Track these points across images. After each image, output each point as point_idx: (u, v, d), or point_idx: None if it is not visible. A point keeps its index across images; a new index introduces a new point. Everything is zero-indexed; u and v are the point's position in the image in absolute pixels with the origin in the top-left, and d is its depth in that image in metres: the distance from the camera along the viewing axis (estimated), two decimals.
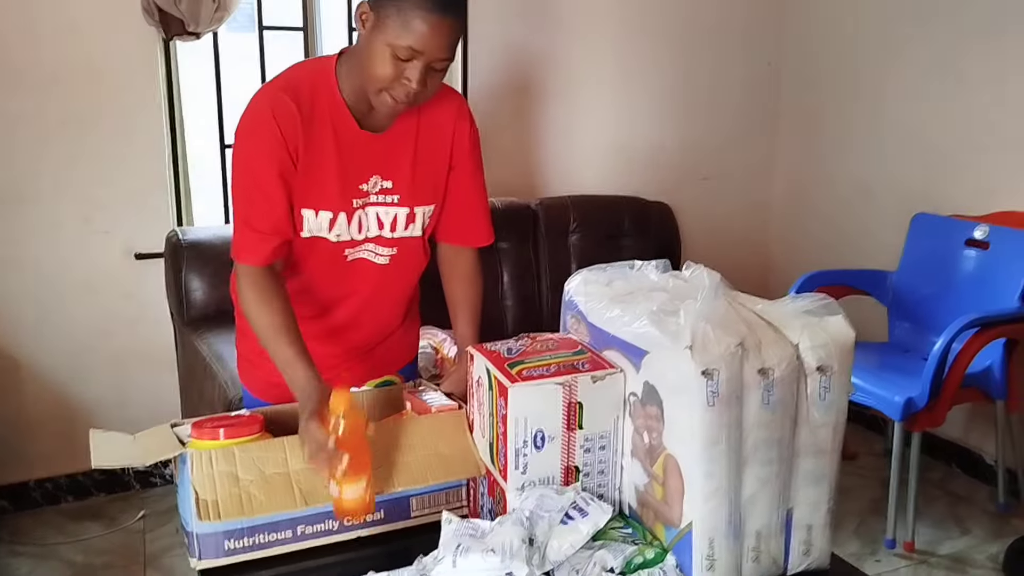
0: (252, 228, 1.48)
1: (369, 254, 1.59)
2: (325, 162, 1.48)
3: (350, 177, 1.51)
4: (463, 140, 1.62)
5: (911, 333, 3.07)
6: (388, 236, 1.58)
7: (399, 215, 1.57)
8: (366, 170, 1.52)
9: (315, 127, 1.47)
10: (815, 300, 1.21)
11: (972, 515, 2.93)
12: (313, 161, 1.47)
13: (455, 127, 1.60)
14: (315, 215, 1.51)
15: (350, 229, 1.54)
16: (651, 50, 3.54)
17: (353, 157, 1.50)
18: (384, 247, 1.59)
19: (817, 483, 1.19)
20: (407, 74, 1.38)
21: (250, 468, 1.25)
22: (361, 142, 1.51)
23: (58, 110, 2.69)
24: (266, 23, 2.96)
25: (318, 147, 1.47)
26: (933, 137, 3.22)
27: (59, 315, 2.81)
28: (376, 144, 1.53)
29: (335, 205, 1.51)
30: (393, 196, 1.55)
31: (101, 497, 2.97)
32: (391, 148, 1.54)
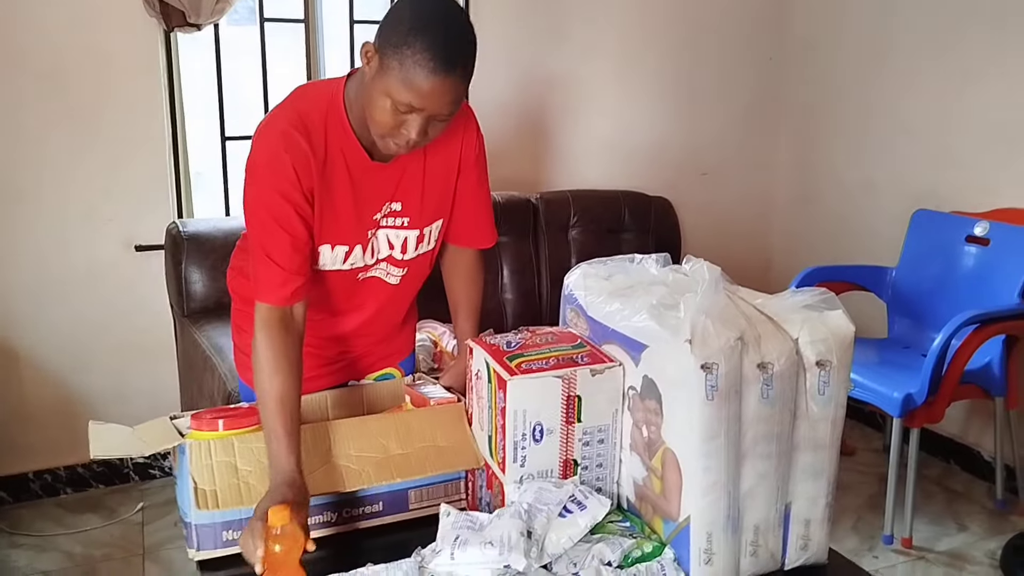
0: (277, 265, 1.39)
1: (381, 272, 1.57)
2: (340, 198, 1.44)
3: (364, 209, 1.48)
4: (470, 150, 1.59)
5: (911, 329, 3.07)
6: (399, 258, 1.56)
7: (409, 238, 1.55)
8: (379, 199, 1.49)
9: (328, 165, 1.42)
10: (815, 295, 1.21)
11: (970, 512, 2.93)
12: (328, 198, 1.43)
13: (463, 139, 1.57)
14: (331, 249, 1.48)
15: (364, 256, 1.53)
16: (653, 44, 3.53)
17: (366, 189, 1.47)
18: (396, 267, 1.58)
19: (816, 478, 1.19)
20: (406, 127, 1.32)
21: (249, 459, 1.25)
22: (372, 173, 1.46)
23: (59, 101, 2.68)
24: (267, 15, 2.95)
25: (332, 184, 1.43)
26: (934, 133, 3.22)
27: (59, 306, 2.81)
28: (386, 172, 1.49)
29: (351, 239, 1.48)
30: (403, 219, 1.53)
31: (100, 489, 2.97)
32: (402, 174, 1.50)
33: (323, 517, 1.30)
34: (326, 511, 1.30)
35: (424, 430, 1.36)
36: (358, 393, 1.53)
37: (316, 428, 1.32)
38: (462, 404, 1.41)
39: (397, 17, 1.31)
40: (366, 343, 1.70)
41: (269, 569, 1.06)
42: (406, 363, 1.81)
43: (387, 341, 1.74)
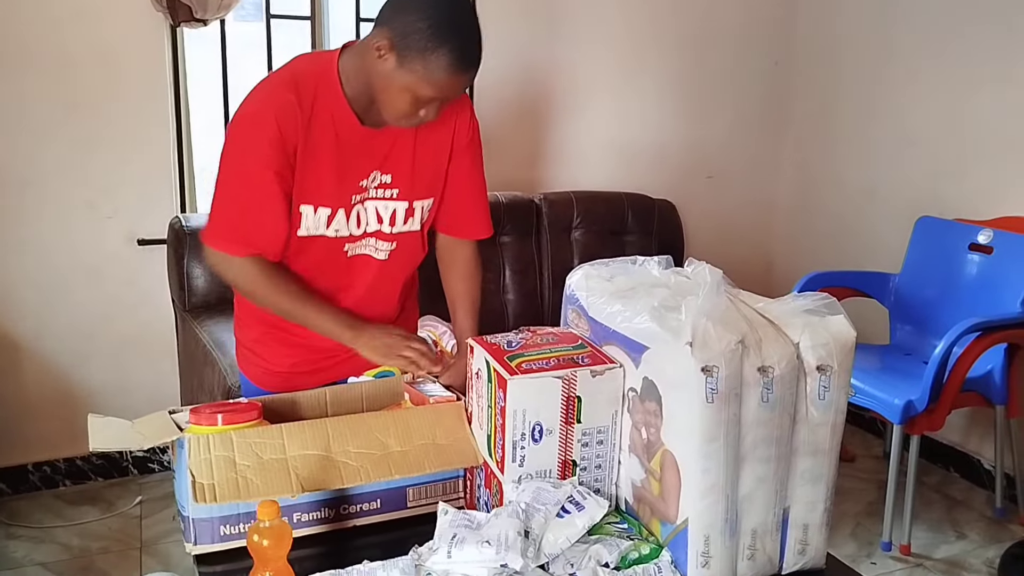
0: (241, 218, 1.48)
1: (370, 249, 1.59)
2: (325, 158, 1.47)
3: (350, 173, 1.50)
4: (463, 131, 1.63)
5: (912, 336, 3.06)
6: (387, 231, 1.58)
7: (398, 209, 1.57)
8: (366, 166, 1.52)
9: (316, 123, 1.46)
10: (817, 299, 1.20)
11: (969, 520, 2.93)
12: (312, 157, 1.46)
13: (456, 119, 1.61)
14: (313, 211, 1.50)
15: (348, 225, 1.54)
16: (658, 47, 3.53)
17: (353, 153, 1.50)
18: (384, 242, 1.59)
19: (815, 482, 1.18)
20: (424, 113, 1.43)
21: (247, 453, 1.25)
22: (361, 138, 1.50)
23: (64, 94, 2.69)
24: (274, 12, 2.95)
25: (318, 143, 1.46)
26: (939, 140, 3.22)
27: (61, 299, 2.81)
28: (376, 139, 1.52)
29: (333, 201, 1.50)
30: (392, 191, 1.55)
31: (99, 482, 2.98)
32: (392, 143, 1.53)
33: (319, 514, 1.30)
34: (323, 508, 1.30)
35: (423, 428, 1.35)
36: (357, 390, 1.53)
37: (315, 425, 1.32)
38: (462, 403, 1.41)
39: (413, 19, 1.37)
40: None
41: (256, 564, 1.06)
42: None
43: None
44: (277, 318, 1.63)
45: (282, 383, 1.66)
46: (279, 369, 1.69)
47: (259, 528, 1.04)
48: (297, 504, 1.27)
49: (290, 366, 1.68)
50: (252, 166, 1.46)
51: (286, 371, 1.68)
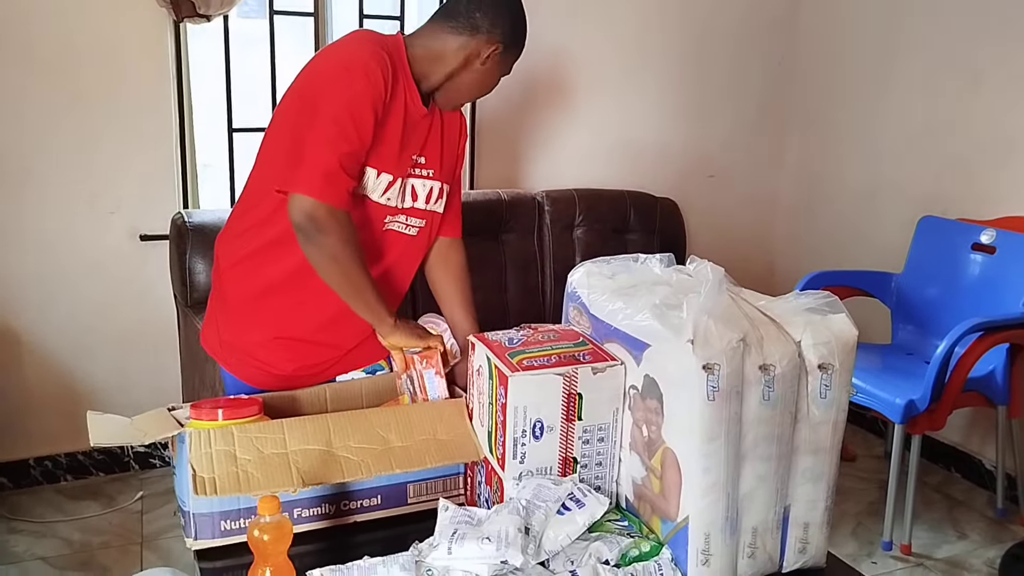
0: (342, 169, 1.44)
1: (400, 225, 1.64)
2: (395, 128, 1.55)
3: (408, 148, 1.59)
4: (464, 138, 1.78)
5: (914, 336, 3.06)
6: (422, 208, 1.65)
7: (434, 188, 1.66)
8: (417, 144, 1.62)
9: (396, 93, 1.54)
10: (818, 298, 1.20)
11: (970, 520, 2.92)
12: (388, 124, 1.53)
13: (461, 129, 1.76)
14: (376, 175, 1.55)
15: (398, 197, 1.60)
16: (661, 46, 3.53)
17: (413, 130, 1.59)
18: (416, 219, 1.65)
19: (815, 481, 1.19)
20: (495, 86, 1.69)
21: (248, 448, 1.25)
22: (420, 117, 1.60)
23: (67, 89, 2.69)
24: (277, 8, 2.95)
25: (394, 113, 1.54)
26: (942, 140, 3.21)
27: (63, 294, 2.81)
28: (423, 124, 1.63)
29: (395, 170, 1.57)
30: (429, 170, 1.65)
31: (100, 477, 2.98)
32: (428, 126, 1.64)
33: (321, 509, 1.30)
34: (324, 503, 1.30)
35: (424, 424, 1.36)
36: (357, 387, 1.53)
37: (316, 420, 1.32)
38: (463, 399, 1.41)
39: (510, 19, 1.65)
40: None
41: (257, 559, 1.06)
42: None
43: None
44: (288, 326, 1.62)
45: (281, 384, 1.65)
46: (281, 372, 1.67)
47: (260, 523, 1.04)
48: (298, 500, 1.28)
49: (292, 371, 1.67)
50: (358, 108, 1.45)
51: (288, 375, 1.66)
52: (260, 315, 1.65)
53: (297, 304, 1.62)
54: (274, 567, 1.05)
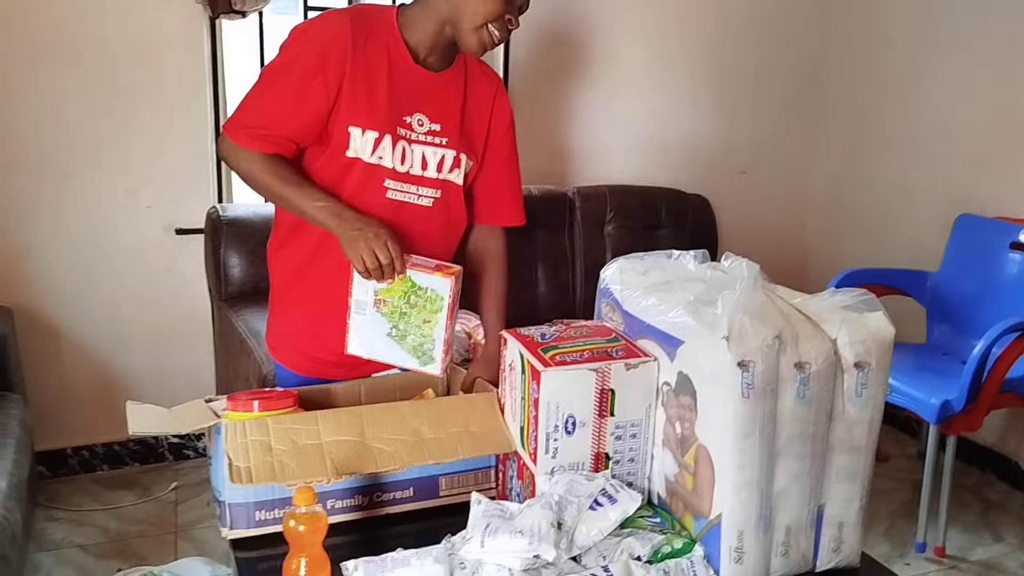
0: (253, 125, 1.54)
1: (412, 196, 1.60)
2: (377, 84, 1.54)
3: (397, 104, 1.56)
4: (503, 115, 1.70)
5: (950, 335, 3.02)
6: (433, 176, 1.61)
7: (447, 156, 1.61)
8: (413, 103, 1.58)
9: (370, 52, 1.53)
10: (855, 295, 1.19)
11: (1006, 522, 2.88)
12: (364, 82, 1.53)
13: (495, 99, 1.69)
14: (361, 133, 1.54)
15: (393, 157, 1.56)
16: (693, 42, 3.51)
17: (404, 87, 1.56)
18: (429, 188, 1.61)
19: (850, 480, 1.18)
20: (509, 13, 1.52)
21: (283, 438, 1.26)
22: (413, 75, 1.57)
23: (105, 85, 2.73)
24: (310, 3, 2.97)
25: (372, 71, 1.53)
26: (978, 137, 3.16)
27: (100, 286, 2.86)
28: (427, 82, 1.59)
29: (380, 126, 1.55)
30: (442, 139, 1.60)
31: (135, 467, 3.03)
32: (442, 92, 1.61)
33: (354, 501, 1.31)
34: (357, 495, 1.31)
35: (456, 416, 1.36)
36: (391, 381, 1.54)
37: (350, 412, 1.33)
38: (495, 392, 1.41)
39: None
40: None
41: (292, 549, 1.07)
42: None
43: None
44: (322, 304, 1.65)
45: (315, 367, 1.68)
46: (321, 356, 1.70)
47: (295, 514, 1.06)
48: (331, 491, 1.29)
49: (329, 355, 1.69)
50: (282, 71, 1.54)
51: (328, 360, 1.69)
52: (296, 296, 1.70)
53: (326, 282, 1.63)
54: (309, 558, 1.06)
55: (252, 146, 1.54)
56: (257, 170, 1.55)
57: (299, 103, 1.53)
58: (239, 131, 1.55)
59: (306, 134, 1.56)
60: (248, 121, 1.54)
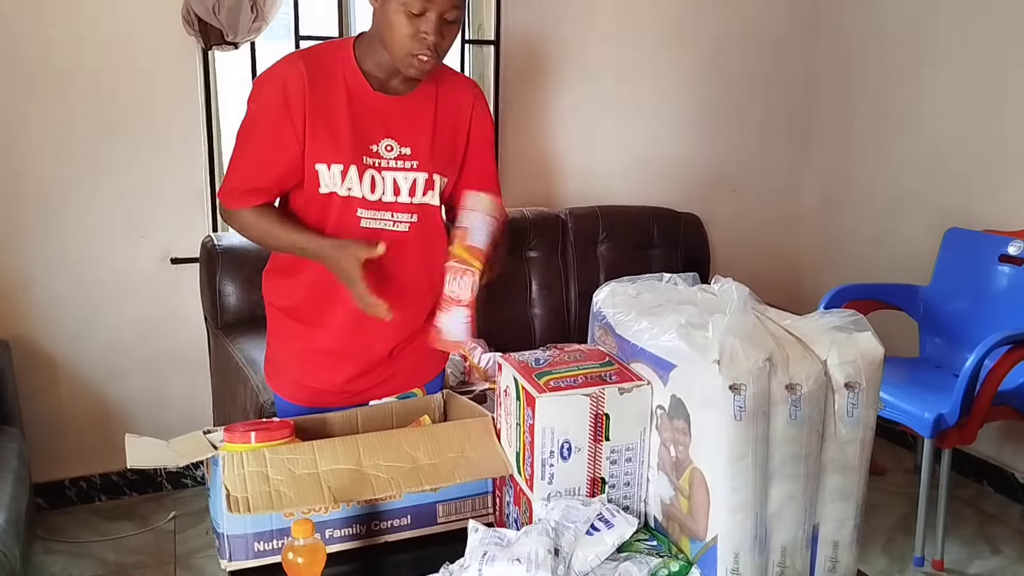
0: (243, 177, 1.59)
1: (387, 223, 1.61)
2: (337, 118, 1.56)
3: (361, 133, 1.57)
4: (483, 124, 1.71)
5: (942, 349, 3.04)
6: (406, 202, 1.61)
7: (418, 179, 1.61)
8: (380, 130, 1.59)
9: (325, 85, 1.56)
10: (844, 316, 1.21)
11: (1003, 534, 2.89)
12: (324, 118, 1.55)
13: (473, 109, 1.69)
14: (327, 168, 1.56)
15: (362, 186, 1.58)
16: (682, 61, 3.54)
17: (366, 116, 1.58)
18: (402, 213, 1.62)
19: (844, 499, 1.19)
20: (423, 29, 1.47)
21: (280, 468, 1.27)
22: (374, 103, 1.58)
23: (100, 116, 2.75)
24: (302, 32, 3.00)
25: (329, 104, 1.55)
26: (967, 151, 3.19)
27: (96, 316, 2.86)
28: (391, 107, 1.60)
29: (345, 158, 1.56)
30: (412, 162, 1.61)
31: (133, 497, 3.02)
32: (409, 115, 1.61)
33: (351, 530, 1.32)
34: (354, 523, 1.32)
35: (452, 441, 1.37)
36: (387, 410, 1.55)
37: (346, 441, 1.34)
38: (489, 417, 1.42)
39: None
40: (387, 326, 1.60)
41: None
42: (436, 382, 1.82)
43: (413, 342, 1.74)
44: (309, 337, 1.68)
45: (315, 397, 1.69)
46: (313, 385, 1.72)
47: (294, 546, 1.06)
48: (329, 520, 1.29)
49: (323, 384, 1.71)
50: (252, 127, 1.59)
51: (321, 388, 1.71)
52: (292, 325, 1.72)
53: (322, 310, 1.66)
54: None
55: (240, 204, 1.61)
56: (249, 221, 1.62)
57: (275, 151, 1.57)
58: (229, 196, 1.62)
59: (289, 177, 1.59)
60: (235, 184, 1.61)
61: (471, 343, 2.82)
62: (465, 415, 1.50)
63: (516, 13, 3.19)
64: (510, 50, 3.22)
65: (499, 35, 3.19)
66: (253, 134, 1.59)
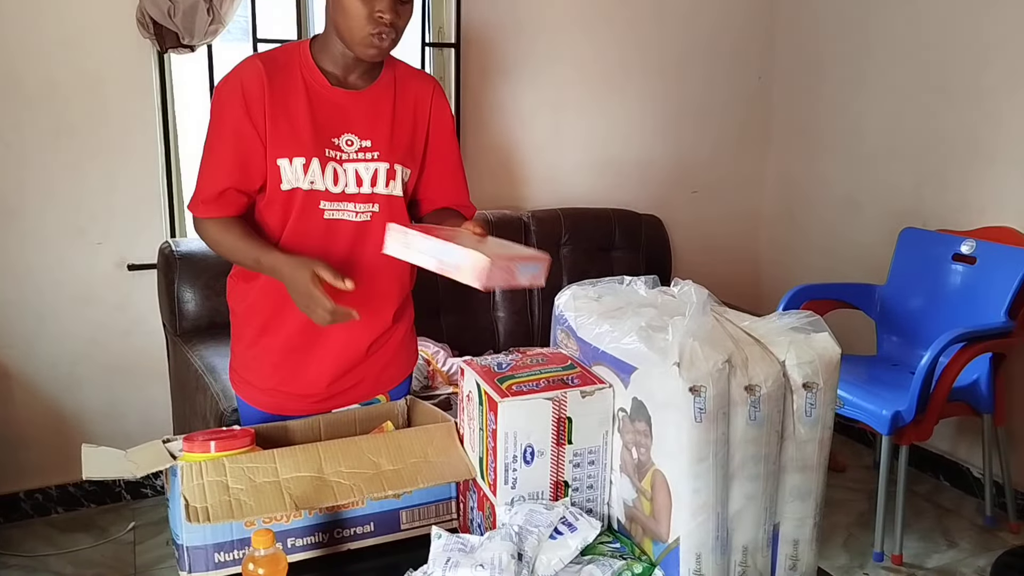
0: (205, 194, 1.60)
1: (349, 214, 1.62)
2: (296, 113, 1.57)
3: (321, 128, 1.59)
4: (443, 118, 1.72)
5: (899, 347, 3.09)
6: (368, 192, 1.62)
7: (379, 170, 1.62)
8: (341, 125, 1.60)
9: (286, 82, 1.57)
10: (802, 317, 1.22)
11: (960, 528, 2.95)
12: (284, 115, 1.56)
13: (433, 102, 1.70)
14: (289, 163, 1.57)
15: (324, 179, 1.58)
16: (643, 63, 3.57)
17: (326, 110, 1.59)
18: (364, 203, 1.62)
19: (803, 498, 1.20)
20: (378, 8, 1.49)
21: (240, 477, 1.26)
22: (333, 99, 1.60)
23: (53, 121, 2.69)
24: (260, 35, 2.97)
25: (288, 99, 1.57)
26: (921, 153, 3.26)
27: (51, 325, 2.81)
28: (350, 101, 1.61)
29: (307, 151, 1.57)
30: (373, 153, 1.62)
31: (91, 508, 2.96)
32: (369, 108, 1.63)
33: (313, 538, 1.31)
34: (317, 532, 1.31)
35: (415, 447, 1.36)
36: (350, 416, 1.54)
37: (307, 449, 1.33)
38: (452, 423, 1.42)
39: None
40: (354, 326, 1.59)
41: None
42: (402, 387, 1.82)
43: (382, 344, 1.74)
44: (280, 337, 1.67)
45: (280, 403, 1.68)
46: (270, 386, 1.71)
47: (254, 557, 1.05)
48: (291, 529, 1.28)
49: (277, 384, 1.70)
50: (214, 131, 1.60)
51: (272, 387, 1.70)
52: (256, 327, 1.71)
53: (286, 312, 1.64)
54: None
55: (209, 213, 1.61)
56: (216, 235, 1.62)
57: (240, 151, 1.57)
58: (197, 205, 1.62)
59: (255, 177, 1.59)
60: (203, 191, 1.61)
61: (433, 348, 2.82)
62: (428, 421, 1.49)
63: (477, 16, 3.19)
64: (471, 53, 3.22)
65: (459, 38, 3.18)
66: (216, 138, 1.60)
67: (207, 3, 2.64)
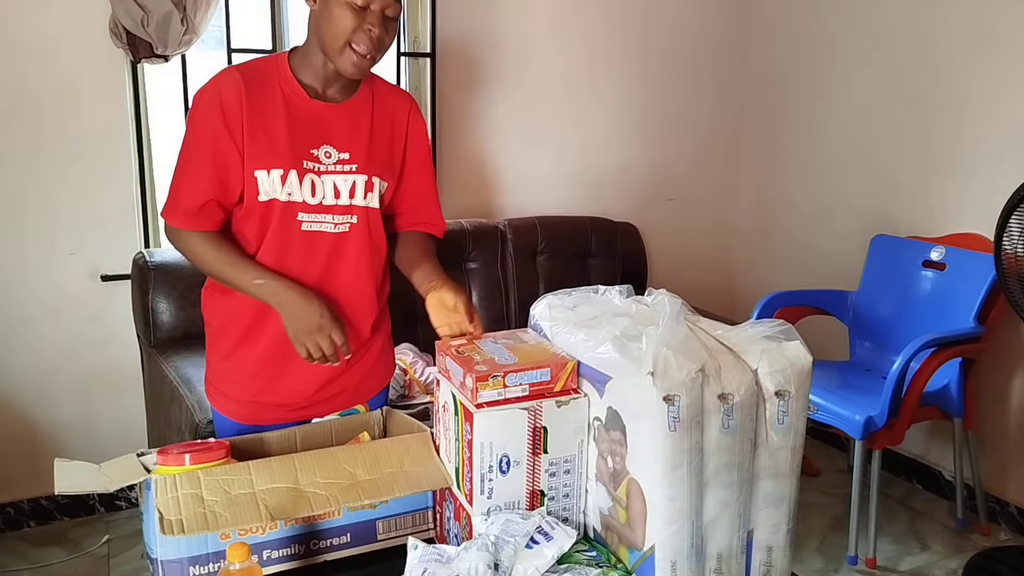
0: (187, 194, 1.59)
1: (327, 225, 1.63)
2: (274, 124, 1.57)
3: (299, 139, 1.59)
4: (419, 135, 1.74)
5: (871, 352, 3.13)
6: (346, 203, 1.63)
7: (357, 182, 1.63)
8: (319, 137, 1.61)
9: (265, 94, 1.57)
10: (774, 326, 1.24)
11: (932, 531, 2.98)
12: (262, 126, 1.56)
13: (409, 119, 1.72)
14: (267, 174, 1.57)
15: (302, 190, 1.58)
16: (619, 72, 3.59)
17: (304, 122, 1.60)
18: (342, 215, 1.63)
19: (777, 505, 1.21)
20: (368, 21, 1.51)
21: (215, 490, 1.25)
22: (311, 111, 1.61)
23: (25, 131, 2.67)
24: (235, 45, 2.96)
25: (266, 111, 1.57)
26: (891, 160, 3.30)
27: (24, 337, 2.77)
28: (329, 114, 1.62)
29: (285, 163, 1.57)
30: (351, 165, 1.62)
31: (65, 522, 2.93)
32: (347, 121, 1.63)
33: (290, 550, 1.30)
34: (293, 543, 1.30)
35: (391, 457, 1.36)
36: (326, 428, 1.54)
37: (282, 460, 1.33)
38: (428, 433, 1.42)
39: None
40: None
41: None
42: (380, 397, 1.82)
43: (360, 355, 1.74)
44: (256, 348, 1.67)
45: (256, 413, 1.68)
46: (244, 398, 1.70)
47: (229, 571, 1.05)
48: (267, 541, 1.28)
49: (253, 395, 1.69)
50: (191, 141, 1.59)
51: (249, 398, 1.69)
52: (232, 339, 1.70)
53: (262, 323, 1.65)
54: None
55: (189, 225, 1.60)
56: (200, 250, 1.61)
57: (217, 162, 1.56)
58: (174, 214, 1.60)
59: (231, 189, 1.58)
60: (180, 201, 1.59)
61: (411, 356, 2.82)
62: (404, 431, 1.50)
63: (452, 25, 3.20)
64: (446, 62, 3.23)
65: (435, 47, 3.19)
66: (193, 148, 1.59)
67: (181, 13, 2.63)
